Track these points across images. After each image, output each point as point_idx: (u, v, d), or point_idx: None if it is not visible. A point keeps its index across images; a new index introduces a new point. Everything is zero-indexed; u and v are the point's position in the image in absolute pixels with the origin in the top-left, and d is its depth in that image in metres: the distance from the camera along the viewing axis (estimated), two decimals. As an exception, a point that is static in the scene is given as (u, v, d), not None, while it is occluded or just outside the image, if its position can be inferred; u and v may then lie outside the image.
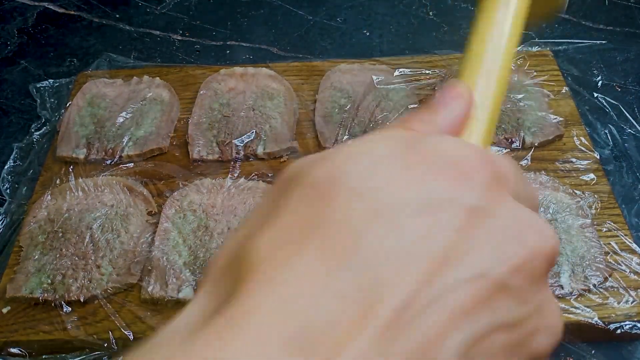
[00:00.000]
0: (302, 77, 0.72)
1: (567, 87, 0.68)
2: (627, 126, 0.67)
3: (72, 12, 0.87)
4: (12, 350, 0.50)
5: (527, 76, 0.68)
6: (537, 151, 0.62)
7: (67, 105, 0.68)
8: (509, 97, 0.66)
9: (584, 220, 0.55)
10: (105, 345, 0.49)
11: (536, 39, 0.77)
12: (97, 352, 0.49)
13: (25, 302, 0.52)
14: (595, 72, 0.73)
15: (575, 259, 0.52)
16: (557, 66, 0.71)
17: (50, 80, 0.73)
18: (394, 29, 0.83)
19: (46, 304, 0.51)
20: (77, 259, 0.54)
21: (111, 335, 0.49)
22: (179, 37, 0.82)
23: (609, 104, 0.68)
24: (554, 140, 0.62)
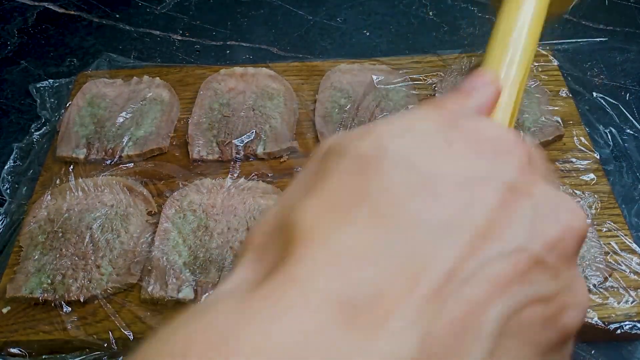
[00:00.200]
0: (302, 77, 0.72)
1: (567, 87, 0.68)
2: (627, 126, 0.67)
3: (72, 12, 0.87)
4: (12, 350, 0.50)
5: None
6: (537, 151, 0.62)
7: (67, 105, 0.68)
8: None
9: (584, 220, 0.55)
10: (105, 345, 0.49)
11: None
12: (97, 352, 0.49)
13: (25, 302, 0.52)
14: (595, 72, 0.73)
15: (575, 259, 0.52)
16: (557, 66, 0.71)
17: (50, 80, 0.73)
18: (394, 29, 0.83)
19: (46, 304, 0.51)
20: (77, 259, 0.54)
21: (111, 335, 0.50)
22: (179, 37, 0.82)
23: (609, 104, 0.68)
24: (554, 140, 0.62)
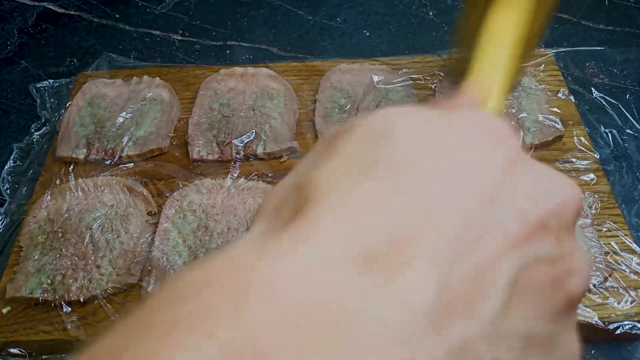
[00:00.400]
0: (302, 77, 0.72)
1: (567, 87, 0.68)
2: (627, 126, 0.67)
3: (72, 12, 0.87)
4: (12, 350, 0.50)
5: (526, 76, 0.68)
6: (537, 151, 0.62)
7: (67, 105, 0.68)
8: (508, 98, 0.66)
9: (584, 220, 0.55)
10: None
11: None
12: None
13: (25, 302, 0.52)
14: (595, 72, 0.73)
15: (575, 259, 0.52)
16: (557, 66, 0.71)
17: (50, 80, 0.73)
18: (394, 29, 0.83)
19: (46, 304, 0.51)
20: (77, 259, 0.54)
21: (111, 335, 0.49)
22: (179, 37, 0.82)
23: (609, 104, 0.68)
24: (554, 140, 0.62)
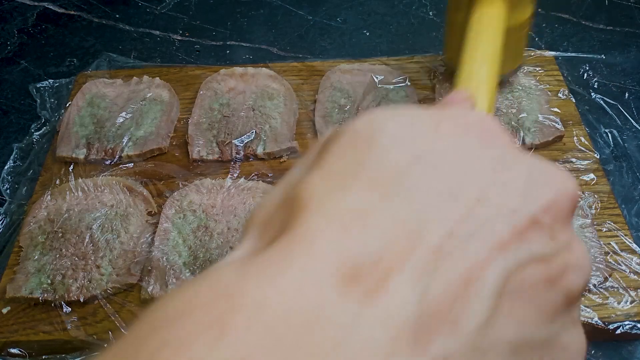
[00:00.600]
0: (302, 77, 0.72)
1: (567, 87, 0.68)
2: (627, 126, 0.67)
3: (72, 12, 0.87)
4: (12, 350, 0.50)
5: (526, 77, 0.68)
6: (537, 151, 0.62)
7: (67, 105, 0.68)
8: (508, 98, 0.66)
9: (584, 220, 0.55)
10: (105, 345, 0.49)
11: (536, 39, 0.77)
12: (97, 352, 0.49)
13: (25, 303, 0.52)
14: (595, 72, 0.73)
15: (575, 259, 0.52)
16: (557, 66, 0.71)
17: (50, 80, 0.73)
18: (394, 29, 0.83)
19: (46, 304, 0.51)
20: (76, 259, 0.54)
21: (111, 335, 0.49)
22: (179, 37, 0.82)
23: (609, 104, 0.68)
24: (554, 140, 0.62)
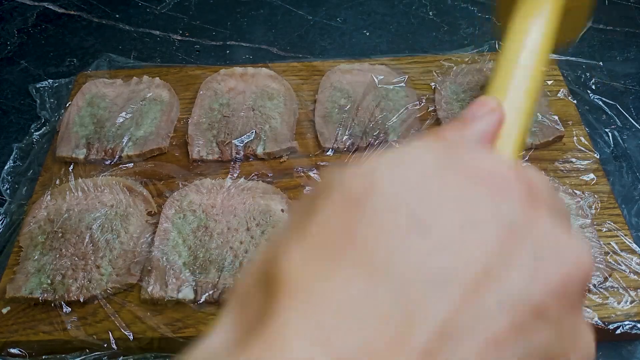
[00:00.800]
0: (301, 77, 0.72)
1: (567, 87, 0.68)
2: (626, 126, 0.67)
3: (72, 12, 0.87)
4: (12, 350, 0.50)
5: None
6: (537, 151, 0.62)
7: (67, 105, 0.68)
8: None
9: (584, 220, 0.55)
10: (105, 345, 0.49)
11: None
12: (97, 353, 0.49)
13: (25, 303, 0.52)
14: (594, 72, 0.73)
15: (575, 259, 0.52)
16: (557, 66, 0.71)
17: (50, 80, 0.73)
18: (394, 29, 0.83)
19: (46, 304, 0.51)
20: (76, 259, 0.54)
21: (111, 335, 0.49)
22: (179, 37, 0.82)
23: (608, 104, 0.68)
24: (554, 140, 0.62)
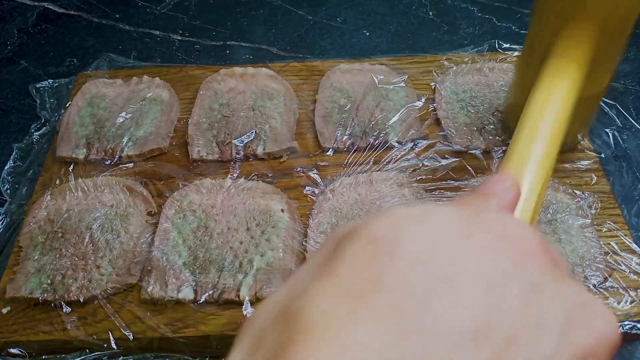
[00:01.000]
0: (301, 77, 0.72)
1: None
2: (627, 126, 0.67)
3: (72, 12, 0.87)
4: (12, 350, 0.50)
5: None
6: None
7: (67, 105, 0.68)
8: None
9: (584, 220, 0.55)
10: (105, 345, 0.49)
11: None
12: (97, 353, 0.49)
13: (25, 303, 0.52)
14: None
15: (575, 259, 0.52)
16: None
17: (49, 80, 0.73)
18: (394, 29, 0.83)
19: (46, 304, 0.51)
20: (76, 259, 0.54)
21: (111, 335, 0.49)
22: (179, 37, 0.82)
23: (609, 104, 0.68)
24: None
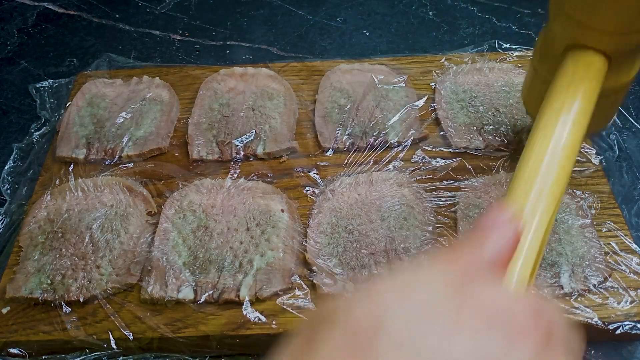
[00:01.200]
0: (301, 77, 0.72)
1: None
2: (627, 126, 0.67)
3: (72, 12, 0.87)
4: (12, 350, 0.50)
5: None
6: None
7: (67, 105, 0.68)
8: (507, 100, 0.66)
9: (584, 220, 0.55)
10: (105, 345, 0.49)
11: (535, 39, 0.77)
12: (96, 353, 0.49)
13: (25, 303, 0.52)
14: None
15: (575, 259, 0.52)
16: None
17: (49, 80, 0.73)
18: (394, 29, 0.83)
19: (46, 304, 0.51)
20: (76, 259, 0.54)
21: (111, 335, 0.49)
22: (179, 37, 0.82)
23: (609, 104, 0.68)
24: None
